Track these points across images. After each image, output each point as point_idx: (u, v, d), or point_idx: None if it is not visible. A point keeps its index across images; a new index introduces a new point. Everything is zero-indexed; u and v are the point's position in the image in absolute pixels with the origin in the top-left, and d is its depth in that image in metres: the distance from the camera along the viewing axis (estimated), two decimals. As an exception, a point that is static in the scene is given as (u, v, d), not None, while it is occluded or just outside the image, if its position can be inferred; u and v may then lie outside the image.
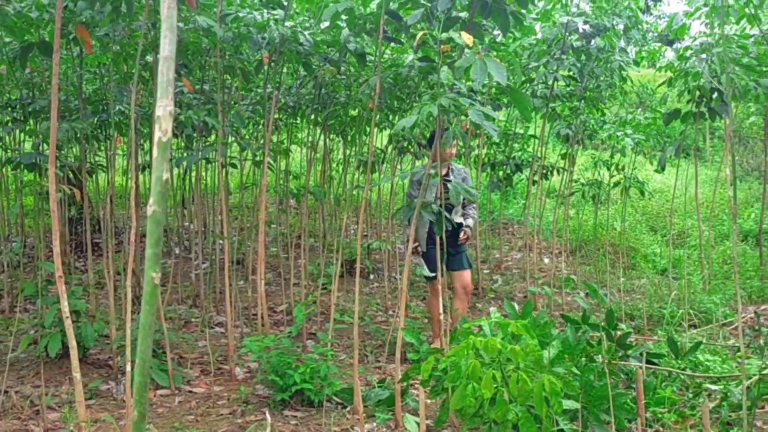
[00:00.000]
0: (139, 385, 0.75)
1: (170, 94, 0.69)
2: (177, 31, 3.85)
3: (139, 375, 0.74)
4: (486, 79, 3.35)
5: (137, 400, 0.76)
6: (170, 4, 0.68)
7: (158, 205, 0.71)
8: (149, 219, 0.73)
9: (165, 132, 0.69)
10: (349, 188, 6.67)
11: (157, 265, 0.74)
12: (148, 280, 0.74)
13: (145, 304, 0.74)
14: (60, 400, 3.89)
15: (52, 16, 4.17)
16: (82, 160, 4.95)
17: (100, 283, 6.15)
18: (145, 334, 0.74)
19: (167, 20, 0.68)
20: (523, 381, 3.08)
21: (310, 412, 3.88)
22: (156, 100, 2.71)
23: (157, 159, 0.69)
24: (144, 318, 0.74)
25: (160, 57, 0.70)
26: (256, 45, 4.38)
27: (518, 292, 6.66)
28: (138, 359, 0.75)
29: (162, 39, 0.70)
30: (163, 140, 0.70)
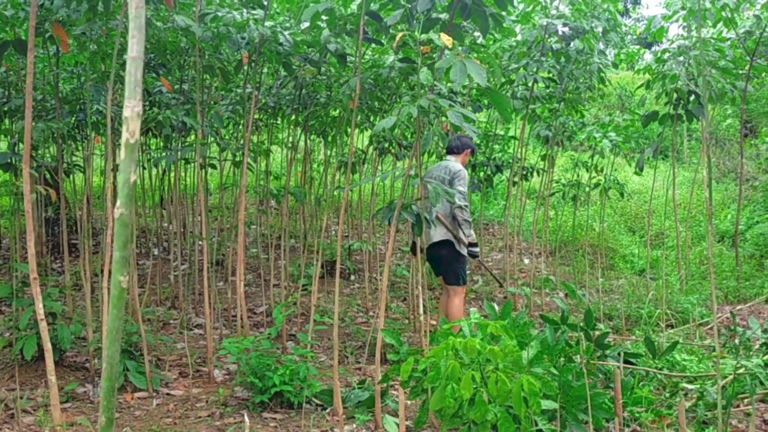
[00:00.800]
0: (106, 390, 0.74)
1: (138, 95, 0.68)
2: (154, 30, 3.81)
3: (106, 380, 0.73)
4: (466, 81, 3.36)
5: (105, 405, 0.74)
6: (138, 2, 0.67)
7: (125, 207, 0.70)
8: (116, 222, 0.72)
9: (132, 133, 0.68)
10: (330, 189, 6.65)
11: (125, 269, 0.73)
12: (115, 283, 0.72)
13: (112, 308, 0.73)
14: (35, 403, 3.83)
15: (27, 14, 4.11)
16: (58, 160, 4.89)
17: (77, 285, 6.07)
18: (113, 339, 0.72)
19: (135, 19, 0.67)
20: (502, 381, 3.09)
21: (289, 414, 3.86)
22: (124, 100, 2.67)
23: (124, 161, 0.68)
24: (111, 323, 0.73)
25: (127, 57, 0.69)
26: (235, 45, 4.36)
27: (498, 293, 6.68)
28: (106, 363, 0.74)
29: (130, 39, 0.69)
30: (131, 141, 0.68)
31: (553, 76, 6.25)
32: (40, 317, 2.85)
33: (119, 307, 0.73)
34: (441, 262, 4.95)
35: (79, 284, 6.18)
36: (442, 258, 4.92)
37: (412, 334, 5.34)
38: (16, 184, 3.48)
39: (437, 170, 4.97)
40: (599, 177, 6.43)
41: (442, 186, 3.84)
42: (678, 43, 6.36)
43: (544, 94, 6.48)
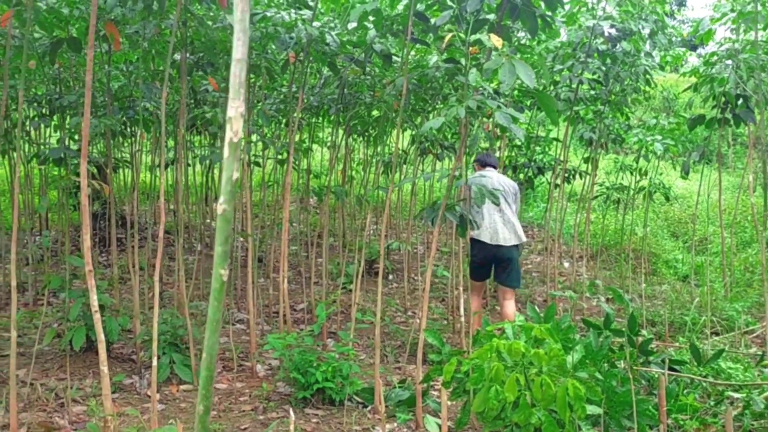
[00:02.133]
0: (204, 379, 0.76)
1: (242, 96, 0.70)
2: (206, 30, 3.88)
3: (205, 369, 0.76)
4: (513, 81, 3.35)
5: (203, 394, 0.77)
6: (244, 7, 0.70)
7: (228, 204, 0.72)
8: (219, 217, 0.74)
9: (236, 132, 0.70)
10: (370, 188, 6.68)
11: (225, 262, 0.75)
12: (216, 276, 0.75)
13: (213, 300, 0.76)
14: (84, 393, 3.93)
15: (81, 12, 4.22)
16: (107, 155, 5.01)
17: (123, 278, 6.21)
18: (213, 329, 0.75)
19: (240, 22, 0.70)
20: (546, 385, 3.08)
21: (331, 410, 3.89)
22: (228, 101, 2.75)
23: (228, 159, 0.71)
24: (212, 314, 0.75)
25: (233, 58, 0.71)
26: (283, 44, 4.41)
27: (538, 296, 6.63)
28: (205, 353, 0.77)
29: (235, 41, 0.71)
30: (234, 140, 0.71)
31: (599, 78, 6.18)
32: (95, 309, 2.92)
33: (220, 299, 0.75)
34: (512, 264, 5.04)
35: (125, 278, 6.33)
36: (513, 260, 5.04)
37: (451, 335, 5.33)
38: (68, 178, 3.57)
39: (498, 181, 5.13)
40: (644, 181, 6.34)
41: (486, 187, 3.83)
42: (726, 46, 6.24)
43: (588, 95, 6.42)
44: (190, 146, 6.93)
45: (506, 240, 4.97)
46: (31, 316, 5.26)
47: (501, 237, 4.96)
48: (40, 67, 5.20)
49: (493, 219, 4.96)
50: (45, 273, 6.05)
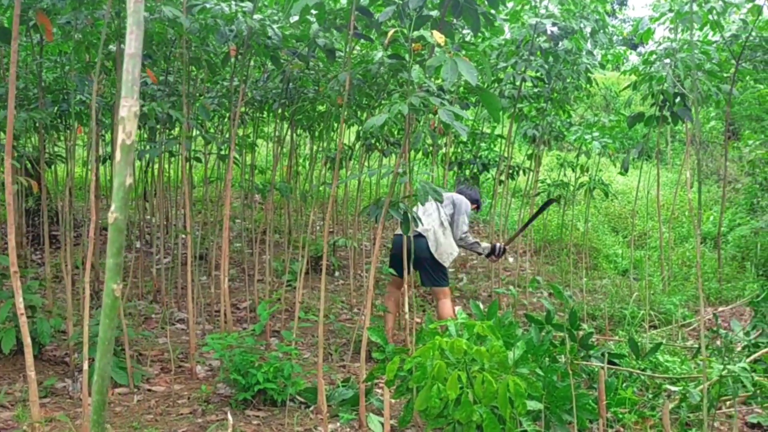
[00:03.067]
0: (96, 404, 0.70)
1: (136, 94, 0.65)
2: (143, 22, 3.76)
3: (97, 393, 0.70)
4: (456, 79, 3.34)
5: (95, 419, 0.71)
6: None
7: (120, 212, 0.67)
8: (110, 227, 0.68)
9: (129, 134, 0.65)
10: (315, 184, 6.60)
11: (118, 276, 0.69)
12: (108, 292, 0.69)
13: (104, 318, 0.70)
14: (13, 398, 3.77)
15: (11, 1, 4.03)
16: (40, 150, 4.80)
17: (58, 277, 5.99)
18: (105, 350, 0.69)
19: (134, 14, 0.64)
20: (488, 382, 3.09)
21: (272, 411, 3.82)
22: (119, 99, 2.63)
23: (119, 163, 0.65)
24: (103, 333, 0.69)
25: (125, 54, 0.65)
26: (223, 37, 4.30)
27: (483, 291, 6.68)
28: (96, 376, 0.71)
29: (128, 35, 0.65)
30: (127, 143, 0.65)
31: (541, 76, 6.25)
32: (20, 311, 2.79)
33: (112, 317, 0.70)
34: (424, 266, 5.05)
35: (59, 276, 6.10)
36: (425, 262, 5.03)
37: (396, 332, 5.32)
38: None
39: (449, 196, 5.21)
40: (585, 177, 6.45)
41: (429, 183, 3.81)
42: (665, 45, 6.39)
43: (531, 93, 6.48)
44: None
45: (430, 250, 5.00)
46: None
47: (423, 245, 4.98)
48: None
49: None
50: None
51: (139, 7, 0.64)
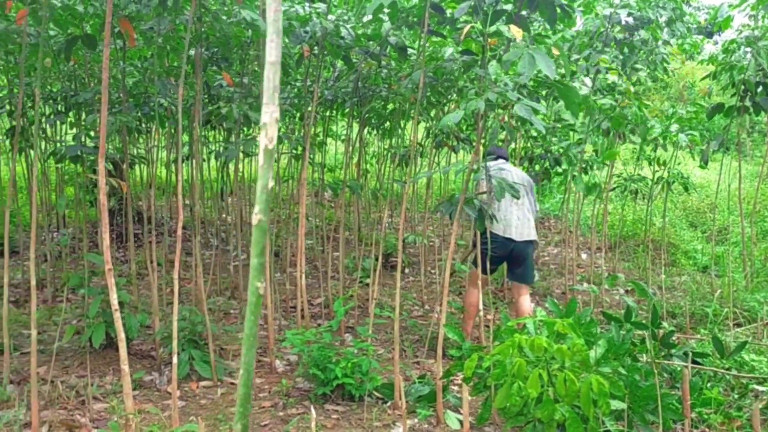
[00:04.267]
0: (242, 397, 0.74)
1: (276, 100, 0.67)
2: (221, 25, 3.85)
3: (243, 386, 0.73)
4: (533, 73, 3.30)
5: (240, 412, 0.74)
6: (277, 8, 0.66)
7: (263, 213, 0.70)
8: (254, 228, 0.71)
9: (271, 139, 0.67)
10: (386, 181, 6.64)
11: (262, 275, 0.72)
12: (252, 290, 0.72)
13: (249, 314, 0.73)
14: (105, 390, 3.94)
15: (95, 9, 4.21)
16: (124, 152, 5.00)
17: (140, 274, 6.22)
18: (250, 344, 0.72)
19: (273, 23, 0.66)
20: (570, 381, 3.04)
21: (351, 406, 3.88)
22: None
23: (263, 167, 0.68)
24: (249, 328, 0.73)
25: (266, 62, 0.68)
26: (298, 39, 4.37)
27: (556, 288, 6.58)
28: (243, 369, 0.74)
29: (268, 43, 0.68)
30: (269, 147, 0.68)
31: (616, 67, 6.09)
32: (115, 307, 2.92)
33: (256, 313, 0.73)
34: (527, 260, 4.95)
35: (141, 273, 6.34)
36: (528, 256, 4.95)
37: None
38: (87, 176, 3.56)
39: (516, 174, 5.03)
40: (662, 170, 6.25)
41: (506, 180, 3.78)
42: (746, 33, 6.13)
43: (605, 85, 6.33)
44: (205, 141, 6.93)
45: (521, 235, 4.87)
46: (50, 313, 5.29)
47: (516, 232, 4.86)
48: (56, 64, 5.20)
49: (508, 211, 4.87)
50: (63, 270, 6.08)
51: (278, 16, 0.66)
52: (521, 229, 4.87)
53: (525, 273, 4.96)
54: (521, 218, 4.89)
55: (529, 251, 4.95)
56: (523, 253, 4.90)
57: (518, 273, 4.96)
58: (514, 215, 4.87)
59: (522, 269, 4.95)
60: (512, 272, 5.02)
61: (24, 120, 5.55)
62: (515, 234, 4.85)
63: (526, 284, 4.98)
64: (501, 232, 4.83)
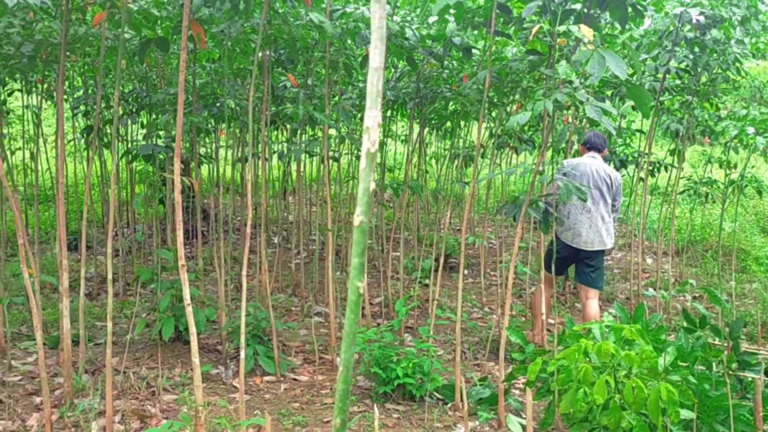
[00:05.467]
0: (341, 393, 0.76)
1: (379, 105, 0.69)
2: (290, 27, 3.92)
3: (342, 382, 0.75)
4: (603, 73, 3.24)
5: (339, 407, 0.77)
6: (381, 15, 0.68)
7: (365, 215, 0.71)
8: (356, 229, 0.73)
9: (373, 143, 0.69)
10: (448, 182, 6.63)
11: (362, 275, 0.74)
12: (353, 289, 0.74)
13: (350, 313, 0.75)
14: (173, 382, 4.07)
15: (168, 13, 4.35)
16: (193, 152, 5.15)
17: (205, 270, 6.39)
18: (350, 342, 0.74)
19: (378, 30, 0.68)
20: (639, 388, 2.98)
21: (411, 406, 3.89)
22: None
23: (364, 169, 0.70)
24: (349, 326, 0.75)
25: (370, 68, 0.70)
26: (363, 40, 4.41)
27: (620, 293, 6.44)
28: (342, 366, 0.76)
29: (372, 49, 0.70)
30: (372, 151, 0.70)
31: (686, 67, 5.92)
32: (187, 302, 3.01)
33: (356, 312, 0.75)
34: (595, 265, 4.84)
35: (206, 269, 6.51)
36: (597, 261, 4.84)
37: (529, 332, 5.24)
38: (162, 175, 3.68)
39: (593, 170, 4.83)
40: (734, 173, 6.04)
41: (573, 182, 3.72)
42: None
43: (674, 85, 6.16)
44: (268, 141, 7.06)
45: (587, 244, 4.73)
46: (121, 306, 5.48)
47: (583, 240, 4.74)
48: (129, 66, 5.38)
49: (577, 219, 4.75)
50: (134, 265, 6.29)
51: (382, 23, 0.68)
52: (591, 236, 4.74)
53: (591, 277, 4.85)
54: (592, 226, 4.74)
55: (598, 257, 4.84)
56: (591, 257, 4.80)
57: (585, 278, 4.86)
58: (585, 223, 4.73)
59: (589, 273, 4.84)
60: (579, 276, 4.92)
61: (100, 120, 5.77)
62: (582, 243, 4.75)
63: (592, 288, 4.87)
64: (569, 240, 4.74)
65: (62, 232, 3.56)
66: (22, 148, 7.18)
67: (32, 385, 3.96)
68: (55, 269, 6.05)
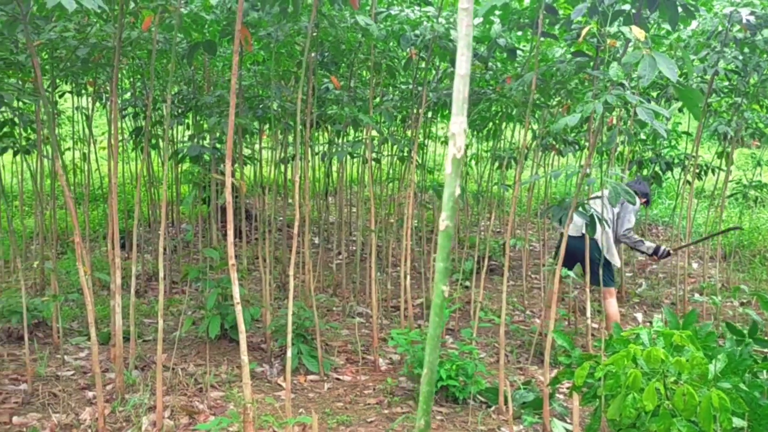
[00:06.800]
0: (425, 395, 0.77)
1: (465, 112, 0.70)
2: (336, 31, 3.96)
3: (427, 384, 0.77)
4: (654, 75, 3.20)
5: (423, 409, 0.78)
6: (468, 23, 0.69)
7: (450, 220, 0.73)
8: (441, 234, 0.75)
9: (459, 149, 0.70)
10: (486, 184, 6.60)
11: (446, 279, 0.76)
12: (438, 292, 0.76)
13: (434, 316, 0.76)
14: (220, 379, 4.13)
15: (216, 16, 4.42)
16: (239, 153, 5.23)
17: (248, 269, 6.48)
18: (434, 345, 0.76)
19: (465, 38, 0.69)
20: (689, 394, 2.94)
21: (454, 408, 3.89)
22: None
23: (450, 175, 0.71)
24: (433, 330, 0.76)
25: (456, 74, 0.71)
26: (408, 42, 4.42)
27: (665, 299, 6.33)
28: (426, 369, 0.78)
29: (458, 57, 0.71)
30: (458, 156, 0.71)
31: (736, 68, 5.79)
32: (237, 301, 3.06)
33: (441, 315, 0.76)
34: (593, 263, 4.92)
35: (249, 268, 6.60)
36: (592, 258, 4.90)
37: (574, 337, 5.19)
38: (209, 175, 3.75)
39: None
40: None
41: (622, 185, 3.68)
42: None
43: (722, 87, 6.04)
44: (312, 142, 7.13)
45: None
46: (167, 303, 5.59)
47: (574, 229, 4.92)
48: (178, 68, 5.49)
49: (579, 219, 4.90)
50: (179, 263, 6.41)
51: (469, 31, 0.69)
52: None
53: (598, 278, 5.02)
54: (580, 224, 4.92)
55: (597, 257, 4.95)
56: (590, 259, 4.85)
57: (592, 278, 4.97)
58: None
59: (595, 275, 4.99)
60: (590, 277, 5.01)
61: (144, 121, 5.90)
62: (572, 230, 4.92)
63: (605, 288, 5.05)
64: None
65: (115, 231, 3.66)
66: (71, 149, 7.39)
67: (84, 379, 4.07)
68: (103, 267, 6.21)
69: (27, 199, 8.55)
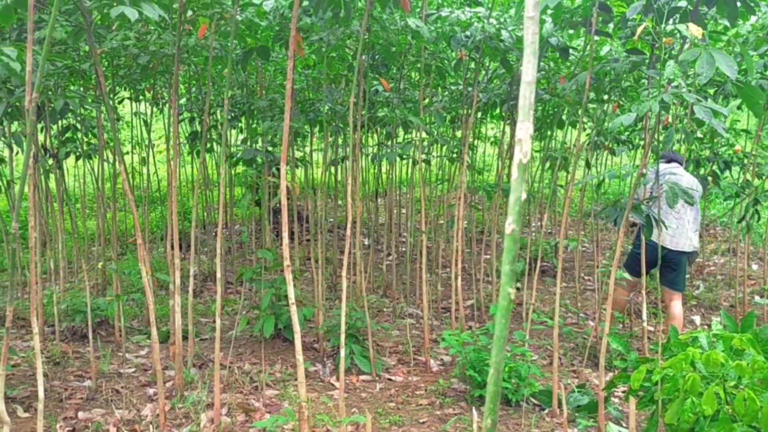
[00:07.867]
0: (492, 394, 0.79)
1: (531, 118, 0.72)
2: (388, 33, 3.99)
3: (493, 384, 0.79)
4: (712, 73, 3.13)
5: (490, 408, 0.80)
6: (534, 30, 0.71)
7: (516, 224, 0.74)
8: (507, 237, 0.77)
9: (526, 154, 0.72)
10: (540, 184, 6.54)
11: (513, 281, 0.78)
12: (504, 295, 0.77)
13: (500, 317, 0.78)
14: (275, 378, 4.21)
15: (269, 22, 4.51)
16: (291, 156, 5.32)
17: (300, 270, 6.57)
18: (500, 346, 0.77)
19: (531, 45, 0.71)
20: (750, 399, 2.86)
21: (507, 410, 3.88)
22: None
23: (516, 180, 0.73)
24: (499, 331, 0.78)
25: (522, 81, 0.73)
26: (458, 43, 4.43)
27: (723, 301, 6.16)
28: (493, 369, 0.80)
29: (525, 64, 0.73)
30: (524, 161, 0.73)
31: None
32: (292, 301, 3.12)
33: (507, 317, 0.78)
34: (679, 267, 4.89)
35: (300, 269, 6.69)
36: (680, 264, 4.88)
37: (629, 340, 5.10)
38: (267, 178, 3.83)
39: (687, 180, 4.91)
40: None
41: (680, 185, 3.61)
42: None
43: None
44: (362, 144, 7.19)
45: (675, 245, 4.79)
46: (223, 303, 5.72)
47: (689, 243, 4.83)
48: (233, 73, 5.61)
49: (682, 222, 4.81)
50: (233, 264, 6.55)
51: (535, 38, 0.71)
52: (677, 238, 4.81)
53: (675, 280, 4.90)
54: (679, 227, 4.81)
55: (683, 260, 4.87)
56: (675, 260, 4.82)
57: (668, 279, 4.90)
58: (673, 224, 4.79)
59: (673, 276, 4.88)
60: (663, 277, 4.93)
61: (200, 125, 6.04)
62: (688, 246, 4.83)
63: (676, 291, 4.92)
64: (670, 245, 4.77)
65: (174, 233, 3.77)
66: (130, 153, 7.62)
67: (145, 377, 4.21)
68: (161, 267, 6.39)
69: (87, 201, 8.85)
